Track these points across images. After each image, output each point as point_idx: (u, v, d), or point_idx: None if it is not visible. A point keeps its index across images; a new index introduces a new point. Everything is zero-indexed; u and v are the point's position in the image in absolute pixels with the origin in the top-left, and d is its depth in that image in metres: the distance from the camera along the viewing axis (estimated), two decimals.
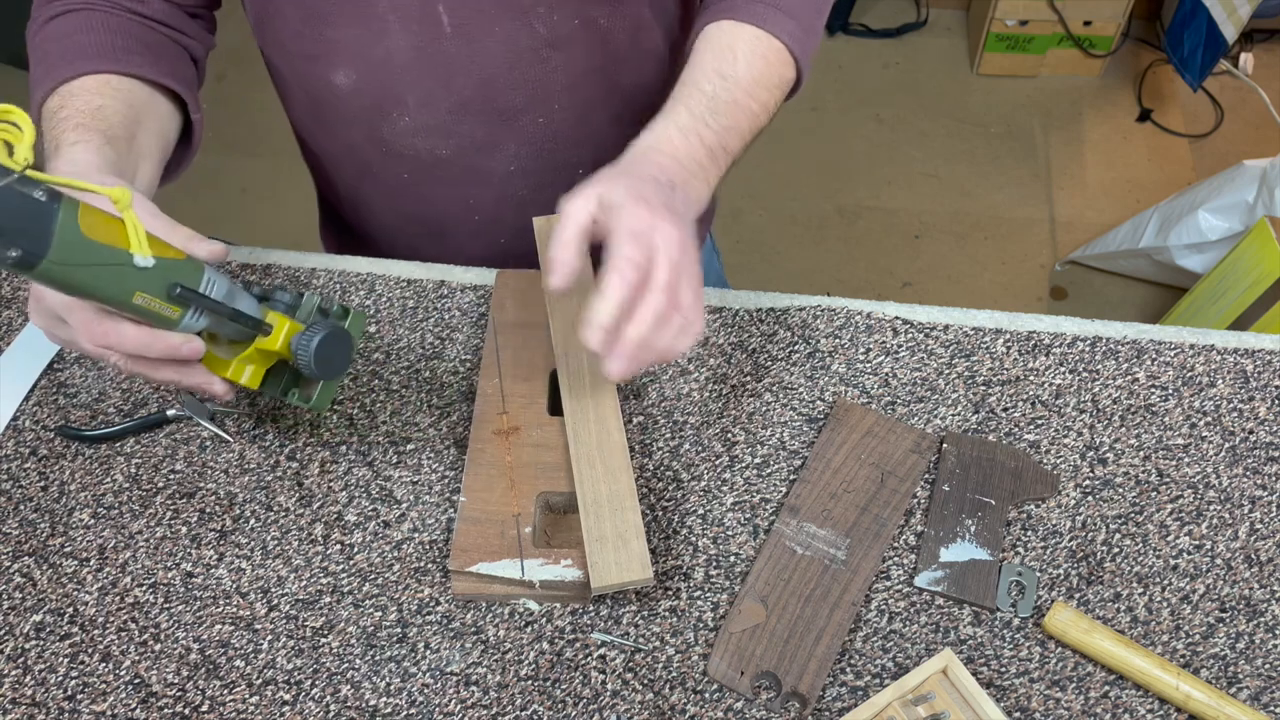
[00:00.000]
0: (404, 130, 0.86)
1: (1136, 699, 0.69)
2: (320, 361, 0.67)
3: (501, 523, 0.73)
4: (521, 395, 0.80)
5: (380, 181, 0.93)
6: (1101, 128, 2.55)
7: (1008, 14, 2.51)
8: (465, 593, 0.73)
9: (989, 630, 0.72)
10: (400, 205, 0.95)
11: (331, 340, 0.68)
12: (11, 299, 0.92)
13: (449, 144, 0.87)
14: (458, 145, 0.87)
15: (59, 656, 0.72)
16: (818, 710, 0.69)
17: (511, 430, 0.77)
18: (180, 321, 0.62)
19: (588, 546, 0.70)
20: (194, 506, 0.79)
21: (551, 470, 0.75)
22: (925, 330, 0.87)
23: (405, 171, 0.90)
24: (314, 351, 0.67)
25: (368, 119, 0.86)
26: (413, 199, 0.93)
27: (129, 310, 0.60)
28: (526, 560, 0.71)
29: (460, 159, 0.88)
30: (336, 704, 0.70)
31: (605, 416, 0.76)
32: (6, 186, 0.52)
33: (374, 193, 0.95)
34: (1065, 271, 2.27)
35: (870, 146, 2.53)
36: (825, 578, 0.74)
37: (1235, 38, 2.26)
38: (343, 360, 0.69)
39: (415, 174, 0.90)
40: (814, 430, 0.82)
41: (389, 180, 0.92)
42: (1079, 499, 0.78)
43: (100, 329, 0.62)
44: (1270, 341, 0.86)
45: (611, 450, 0.74)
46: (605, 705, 0.70)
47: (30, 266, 0.54)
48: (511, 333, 0.83)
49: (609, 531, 0.70)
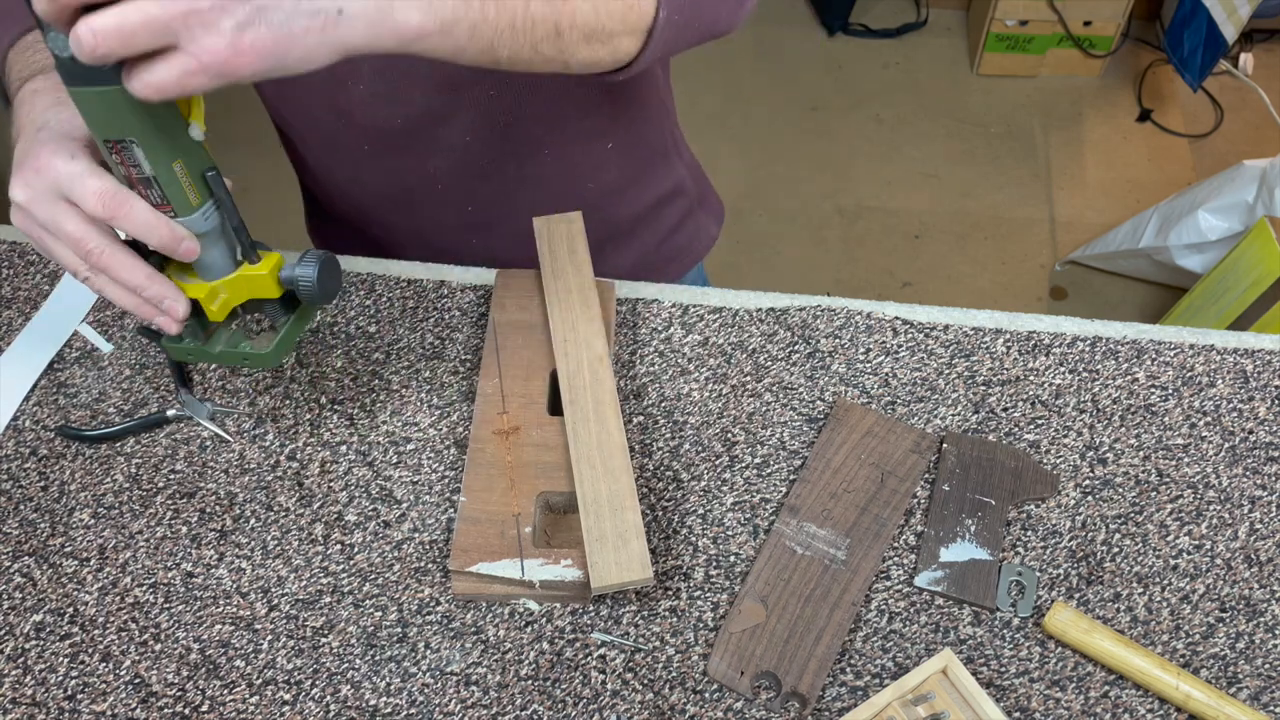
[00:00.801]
0: (361, 98, 0.85)
1: (1136, 699, 0.69)
2: (322, 280, 0.67)
3: (502, 523, 0.73)
4: (521, 395, 0.80)
5: (344, 153, 0.92)
6: (1101, 128, 2.55)
7: (1008, 14, 2.51)
8: (466, 593, 0.73)
9: (989, 630, 0.72)
10: (365, 177, 0.94)
11: (330, 264, 0.68)
12: (11, 299, 0.92)
13: (403, 113, 0.86)
14: (413, 114, 0.86)
15: (59, 656, 0.72)
16: (817, 710, 0.69)
17: (512, 430, 0.77)
18: (196, 211, 0.62)
19: (587, 546, 0.69)
20: (194, 506, 0.79)
21: (552, 470, 0.75)
22: (925, 330, 0.87)
23: (366, 143, 0.89)
24: (319, 268, 0.67)
25: (327, 90, 0.86)
26: (377, 170, 0.92)
27: (160, 176, 0.59)
28: (526, 560, 0.71)
29: (416, 128, 0.87)
30: (336, 704, 0.70)
31: (605, 416, 0.76)
32: None
33: (339, 166, 0.95)
34: (1065, 271, 2.27)
35: (870, 146, 2.53)
36: (825, 578, 0.74)
37: (1235, 38, 2.27)
38: (335, 284, 0.70)
39: (374, 144, 0.89)
40: (814, 430, 0.82)
41: (352, 151, 0.91)
42: (1079, 499, 0.78)
43: (116, 197, 0.60)
44: (1270, 341, 0.86)
45: (611, 450, 0.74)
46: (605, 705, 0.70)
47: (108, 82, 0.53)
48: (511, 333, 0.83)
49: (609, 531, 0.70)
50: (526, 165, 0.91)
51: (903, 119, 2.58)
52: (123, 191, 0.60)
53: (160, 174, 0.59)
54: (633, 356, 0.86)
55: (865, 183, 2.45)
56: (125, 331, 0.89)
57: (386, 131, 0.88)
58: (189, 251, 0.63)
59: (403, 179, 0.93)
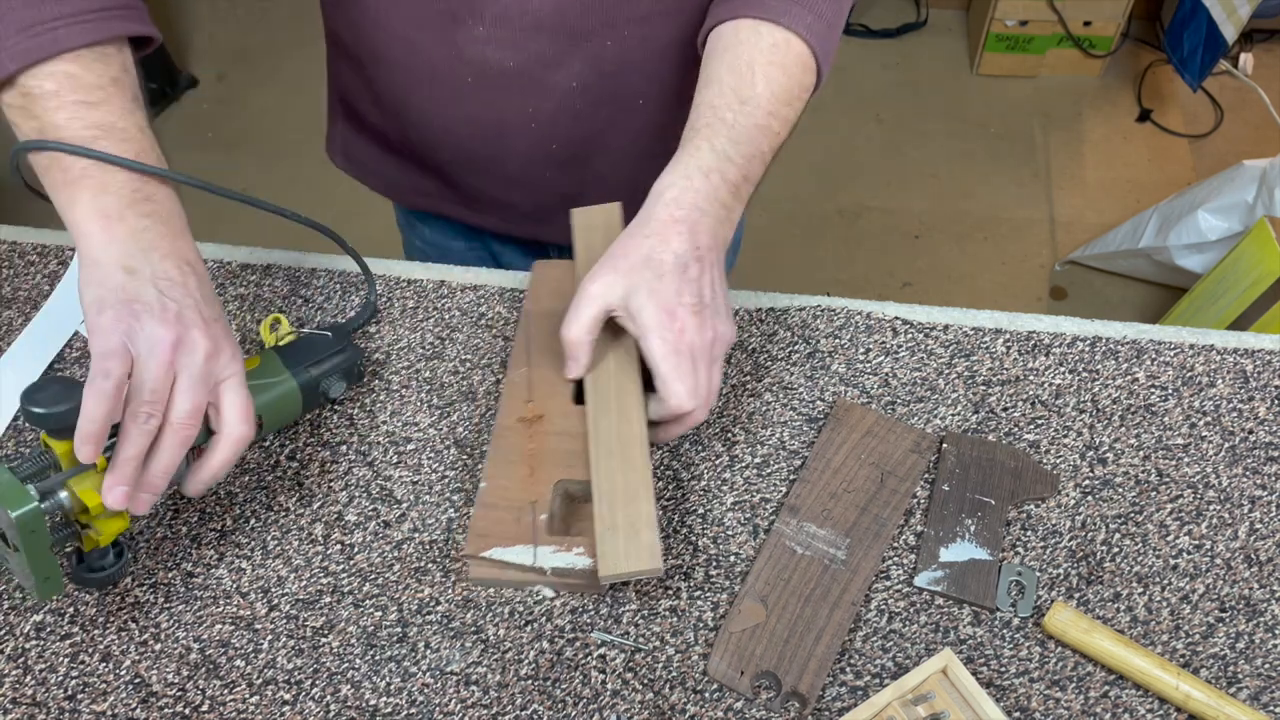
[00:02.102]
0: (477, 39, 0.86)
1: (1136, 699, 0.70)
2: None
3: (518, 509, 0.73)
4: (548, 382, 0.79)
5: (444, 85, 0.92)
6: (1101, 128, 2.55)
7: (1008, 14, 2.51)
8: (482, 578, 0.73)
9: (989, 630, 0.72)
10: (461, 110, 0.95)
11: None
12: (11, 299, 0.92)
13: (518, 56, 0.87)
14: (526, 59, 0.87)
15: (59, 656, 0.72)
16: (817, 710, 0.69)
17: (536, 418, 0.77)
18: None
19: (598, 535, 0.69)
20: (194, 506, 0.79)
21: (573, 459, 0.75)
22: (925, 330, 0.87)
23: (470, 76, 0.90)
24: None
25: (442, 25, 0.86)
26: (475, 103, 0.93)
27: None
28: (540, 547, 0.71)
29: (526, 71, 0.88)
30: (336, 704, 0.70)
31: (627, 407, 0.75)
32: None
33: (432, 97, 0.95)
34: (1065, 271, 2.28)
35: (870, 146, 2.53)
36: (825, 577, 0.74)
37: (1235, 38, 2.27)
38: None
39: (479, 80, 0.90)
40: (814, 430, 0.82)
41: (453, 84, 0.92)
42: (1079, 499, 0.78)
43: (197, 398, 0.65)
44: (1270, 341, 0.86)
45: (630, 440, 0.73)
46: (605, 705, 0.70)
47: None
48: (544, 321, 0.83)
49: (621, 521, 0.69)
50: (620, 114, 0.92)
51: (902, 119, 2.58)
52: (201, 397, 0.65)
53: None
54: None
55: (865, 183, 2.45)
56: None
57: (496, 71, 0.88)
58: (119, 500, 0.63)
59: (499, 114, 0.93)
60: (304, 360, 0.78)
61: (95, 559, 0.69)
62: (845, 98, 2.61)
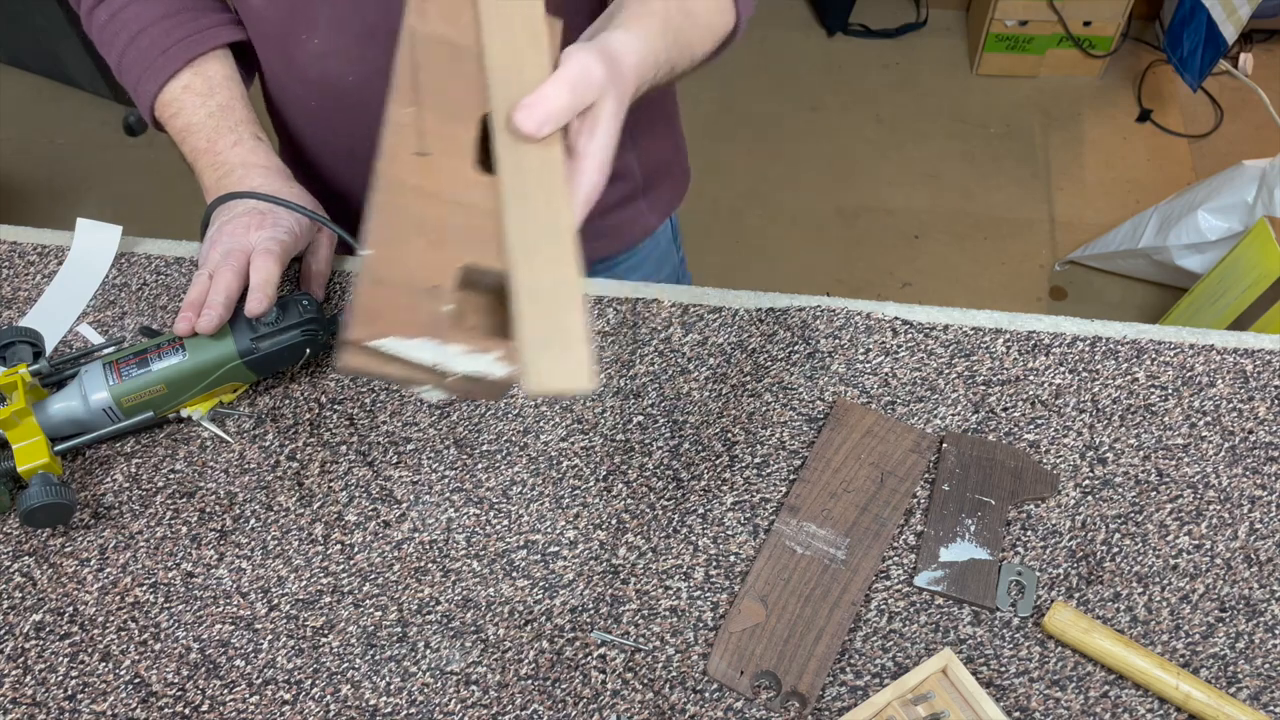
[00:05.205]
0: (313, 53, 0.84)
1: (1136, 699, 0.70)
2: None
3: (414, 292, 0.56)
4: (445, 137, 0.59)
5: (292, 105, 0.92)
6: (1101, 128, 2.55)
7: (1007, 14, 2.51)
8: (356, 368, 0.56)
9: (989, 630, 0.72)
10: (313, 130, 0.94)
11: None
12: (11, 299, 0.92)
13: (355, 70, 0.85)
14: (364, 72, 0.85)
15: (59, 656, 0.72)
16: (817, 710, 0.69)
17: (431, 180, 0.59)
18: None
19: (525, 345, 0.55)
20: (194, 506, 0.79)
21: (479, 240, 0.58)
22: (925, 330, 0.87)
23: (313, 99, 0.89)
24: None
25: (279, 38, 0.85)
26: (322, 126, 0.92)
27: None
28: (449, 345, 0.56)
29: (367, 86, 0.85)
30: (336, 704, 0.70)
31: (552, 186, 0.59)
32: None
33: (290, 116, 0.95)
34: (1065, 271, 2.27)
35: (870, 146, 2.53)
36: (825, 577, 0.74)
37: (1235, 38, 2.27)
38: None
39: (322, 100, 0.89)
40: (814, 430, 0.82)
41: (301, 104, 0.91)
42: (1079, 499, 0.78)
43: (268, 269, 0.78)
44: (1270, 341, 0.86)
45: (558, 231, 0.58)
46: (605, 705, 0.70)
47: None
48: (435, 50, 0.61)
49: (549, 329, 0.56)
50: None
51: (903, 119, 2.58)
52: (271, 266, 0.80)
53: None
54: (633, 356, 0.86)
55: (865, 183, 2.45)
56: (125, 331, 0.89)
57: (338, 89, 0.86)
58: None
59: (348, 135, 0.90)
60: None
61: (36, 494, 0.75)
62: (845, 98, 2.61)
